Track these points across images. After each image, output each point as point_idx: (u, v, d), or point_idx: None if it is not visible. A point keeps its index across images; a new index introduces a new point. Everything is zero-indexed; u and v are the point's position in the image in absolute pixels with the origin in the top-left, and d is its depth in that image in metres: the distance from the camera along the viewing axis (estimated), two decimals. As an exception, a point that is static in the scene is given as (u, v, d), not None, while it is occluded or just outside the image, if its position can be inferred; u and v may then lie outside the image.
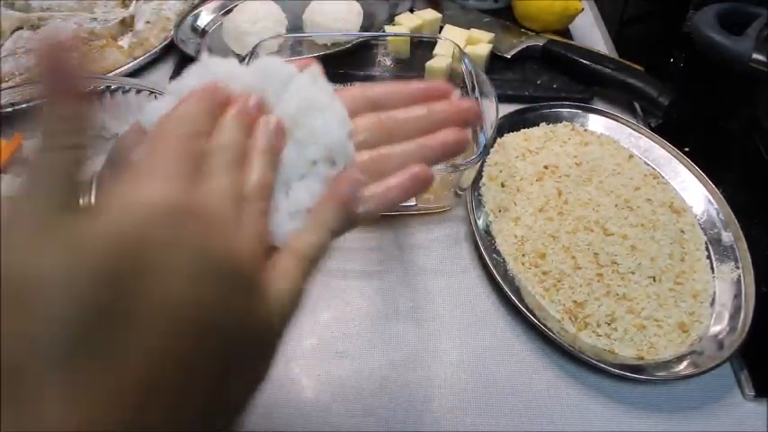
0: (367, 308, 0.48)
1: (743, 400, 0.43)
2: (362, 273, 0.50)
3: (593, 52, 0.69)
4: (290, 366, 0.44)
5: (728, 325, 0.45)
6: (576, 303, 0.46)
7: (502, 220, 0.52)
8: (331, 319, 0.47)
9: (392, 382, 0.43)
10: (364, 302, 0.48)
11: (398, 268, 0.50)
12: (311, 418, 0.41)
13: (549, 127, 0.61)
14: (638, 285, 0.47)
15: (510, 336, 0.46)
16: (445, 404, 0.42)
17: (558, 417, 0.42)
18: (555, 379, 0.44)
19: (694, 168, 0.56)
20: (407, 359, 0.45)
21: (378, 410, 0.42)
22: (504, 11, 0.77)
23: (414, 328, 0.46)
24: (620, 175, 0.56)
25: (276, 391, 0.42)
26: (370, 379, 0.43)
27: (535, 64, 0.70)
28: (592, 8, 0.84)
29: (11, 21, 0.73)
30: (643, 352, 0.44)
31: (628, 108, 0.67)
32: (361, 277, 0.50)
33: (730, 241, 0.50)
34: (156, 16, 0.74)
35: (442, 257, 0.51)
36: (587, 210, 0.52)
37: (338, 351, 0.45)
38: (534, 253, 0.49)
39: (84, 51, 0.68)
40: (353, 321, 0.47)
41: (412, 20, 0.70)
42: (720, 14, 0.65)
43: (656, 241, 0.50)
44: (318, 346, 0.45)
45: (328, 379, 0.43)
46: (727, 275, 0.48)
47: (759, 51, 0.60)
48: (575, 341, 0.44)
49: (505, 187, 0.55)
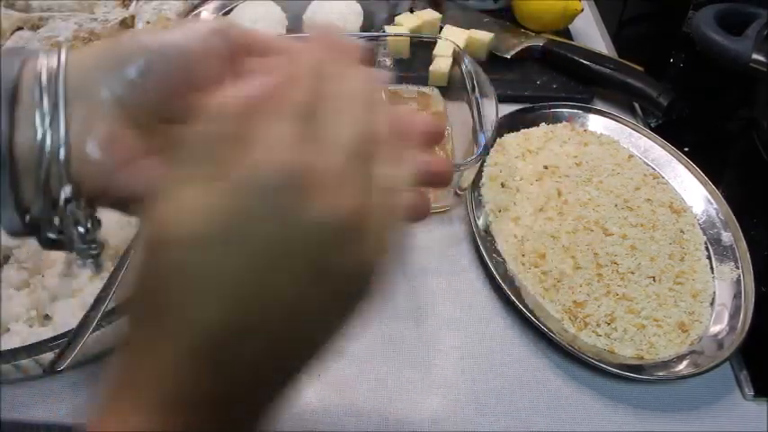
0: (367, 308, 0.48)
1: (743, 400, 0.43)
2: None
3: (594, 52, 0.68)
4: (290, 366, 0.44)
5: (728, 325, 0.45)
6: (575, 303, 0.46)
7: (502, 220, 0.52)
8: (331, 318, 0.47)
9: (392, 382, 0.43)
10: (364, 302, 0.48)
11: (398, 268, 0.50)
12: (311, 418, 0.41)
13: (549, 127, 0.61)
14: (638, 285, 0.47)
15: (510, 336, 0.46)
16: (445, 404, 0.42)
17: (557, 416, 0.42)
18: (554, 379, 0.44)
19: (694, 168, 0.56)
20: (407, 359, 0.45)
21: (377, 410, 0.42)
22: (504, 11, 0.77)
23: (414, 328, 0.46)
24: (620, 175, 0.56)
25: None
26: (369, 379, 0.43)
27: (535, 64, 0.70)
28: (592, 8, 0.84)
29: (11, 21, 0.73)
30: (643, 352, 0.44)
31: (628, 108, 0.67)
32: (361, 277, 0.50)
33: (730, 241, 0.50)
34: (156, 16, 0.74)
35: (441, 257, 0.51)
36: (587, 210, 0.52)
37: (338, 351, 0.45)
38: (534, 253, 0.49)
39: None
40: (353, 321, 0.47)
41: (412, 20, 0.70)
42: (720, 15, 0.65)
43: (655, 241, 0.50)
44: (318, 345, 0.45)
45: (328, 379, 0.43)
46: (727, 275, 0.48)
47: (758, 52, 0.60)
48: (574, 341, 0.44)
49: (505, 187, 0.55)
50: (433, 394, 0.43)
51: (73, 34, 0.70)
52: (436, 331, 0.46)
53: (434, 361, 0.44)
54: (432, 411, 0.42)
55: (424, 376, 0.44)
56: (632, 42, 0.81)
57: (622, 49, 0.76)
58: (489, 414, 0.42)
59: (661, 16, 0.87)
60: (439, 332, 0.46)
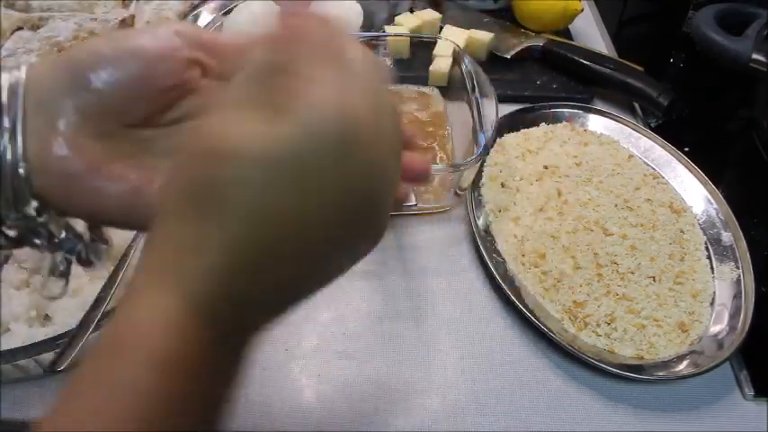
0: (367, 308, 0.48)
1: (743, 400, 0.43)
2: (362, 273, 0.50)
3: (594, 52, 0.69)
4: (290, 366, 0.44)
5: (728, 325, 0.45)
6: (575, 303, 0.46)
7: (502, 220, 0.52)
8: (331, 319, 0.47)
9: (392, 382, 0.43)
10: (364, 302, 0.48)
11: (398, 268, 0.50)
12: (311, 418, 0.41)
13: (549, 127, 0.61)
14: (638, 285, 0.47)
15: (510, 336, 0.46)
16: (445, 404, 0.42)
17: (557, 416, 0.42)
18: (554, 379, 0.44)
19: (694, 168, 0.56)
20: (407, 359, 0.45)
21: (377, 410, 0.42)
22: (504, 11, 0.77)
23: (414, 328, 0.46)
24: (620, 175, 0.56)
25: (276, 391, 0.42)
26: (369, 379, 0.43)
27: (535, 64, 0.70)
28: (592, 8, 0.84)
29: (11, 21, 0.73)
30: (643, 352, 0.44)
31: (628, 108, 0.67)
32: (361, 277, 0.50)
33: (730, 241, 0.50)
34: (156, 16, 0.74)
35: (441, 257, 0.51)
36: (587, 210, 0.52)
37: (338, 351, 0.45)
38: (534, 253, 0.49)
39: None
40: (353, 321, 0.47)
41: (412, 20, 0.70)
42: (720, 15, 0.65)
43: (655, 241, 0.50)
44: (318, 346, 0.45)
45: (328, 379, 0.43)
46: (727, 275, 0.48)
47: (758, 51, 0.60)
48: (574, 341, 0.44)
49: (505, 187, 0.55)
50: (433, 394, 0.43)
51: (73, 34, 0.70)
52: (436, 331, 0.46)
53: (434, 361, 0.44)
54: (432, 411, 0.42)
55: (424, 376, 0.44)
56: (632, 42, 0.81)
57: (622, 49, 0.76)
58: (489, 414, 0.42)
59: (661, 16, 0.87)
60: (439, 332, 0.46)
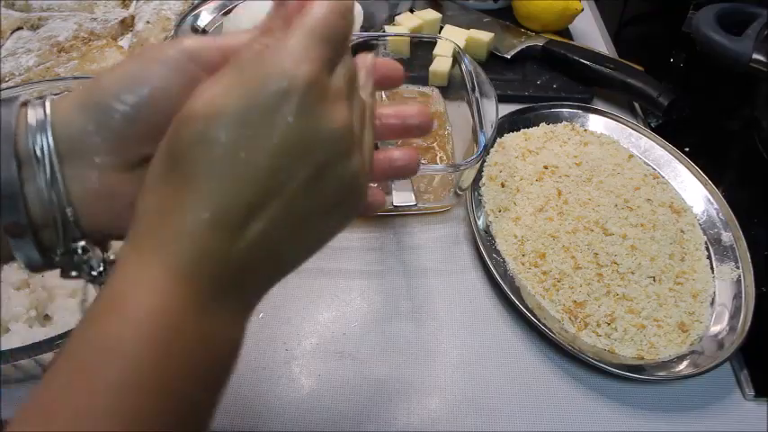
0: (367, 308, 0.48)
1: (743, 400, 0.43)
2: (362, 273, 0.50)
3: (594, 52, 0.69)
4: (290, 366, 0.44)
5: (728, 325, 0.45)
6: (575, 303, 0.46)
7: (502, 220, 0.52)
8: (331, 319, 0.47)
9: (392, 382, 0.43)
10: (364, 302, 0.48)
11: (398, 268, 0.50)
12: (311, 418, 0.41)
13: (549, 127, 0.61)
14: (638, 285, 0.47)
15: (510, 336, 0.46)
16: (445, 404, 0.42)
17: (557, 417, 0.42)
18: (554, 379, 0.44)
19: (694, 168, 0.56)
20: (407, 359, 0.45)
21: (377, 411, 0.42)
22: (504, 11, 0.77)
23: (414, 328, 0.46)
24: (620, 175, 0.56)
25: (276, 391, 0.42)
26: (369, 379, 0.43)
27: (535, 64, 0.70)
28: (592, 8, 0.84)
29: (11, 21, 0.73)
30: (643, 352, 0.44)
31: (628, 108, 0.67)
32: (361, 277, 0.50)
33: (730, 241, 0.50)
34: (156, 16, 0.74)
35: (441, 257, 0.51)
36: (587, 210, 0.52)
37: (338, 351, 0.45)
38: (534, 253, 0.49)
39: (84, 51, 0.68)
40: (353, 321, 0.47)
41: (412, 20, 0.70)
42: (720, 15, 0.65)
43: (655, 241, 0.50)
44: (318, 346, 0.45)
45: (328, 379, 0.43)
46: (727, 275, 0.48)
47: (759, 52, 0.60)
48: (574, 341, 0.44)
49: (505, 187, 0.55)
50: (433, 394, 0.43)
51: (73, 34, 0.70)
52: (436, 331, 0.46)
53: (434, 361, 0.44)
54: (431, 411, 0.42)
55: (424, 376, 0.44)
56: (632, 42, 0.81)
57: (622, 49, 0.76)
58: (489, 414, 0.42)
59: (661, 16, 0.87)
60: (439, 332, 0.46)
